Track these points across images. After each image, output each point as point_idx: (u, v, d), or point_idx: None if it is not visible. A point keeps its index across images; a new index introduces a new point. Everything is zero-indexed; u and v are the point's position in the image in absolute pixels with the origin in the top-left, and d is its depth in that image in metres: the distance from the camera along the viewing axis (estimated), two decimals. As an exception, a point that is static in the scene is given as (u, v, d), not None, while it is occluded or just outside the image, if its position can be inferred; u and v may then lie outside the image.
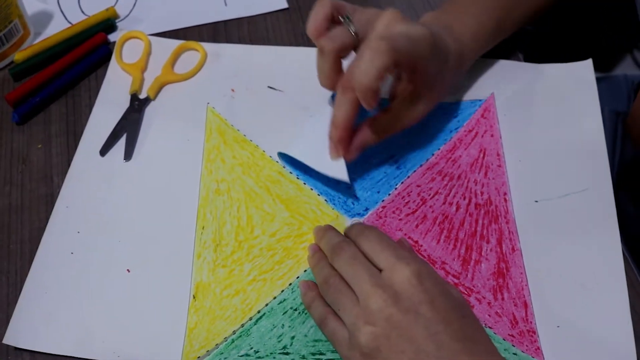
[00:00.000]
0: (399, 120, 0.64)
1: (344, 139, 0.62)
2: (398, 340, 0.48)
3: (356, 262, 0.53)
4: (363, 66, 0.55)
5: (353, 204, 0.64)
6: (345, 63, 0.61)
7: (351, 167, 0.63)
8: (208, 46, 0.77)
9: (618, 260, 0.60)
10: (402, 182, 0.66)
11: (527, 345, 0.56)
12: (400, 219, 0.63)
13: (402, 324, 0.48)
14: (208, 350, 0.56)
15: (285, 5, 0.82)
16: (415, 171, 0.66)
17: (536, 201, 0.64)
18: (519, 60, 0.76)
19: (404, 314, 0.48)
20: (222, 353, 0.56)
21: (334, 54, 0.59)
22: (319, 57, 0.61)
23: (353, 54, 0.61)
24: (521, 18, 0.72)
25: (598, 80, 0.74)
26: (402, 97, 0.63)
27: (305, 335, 0.56)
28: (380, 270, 0.52)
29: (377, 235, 0.55)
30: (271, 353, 0.56)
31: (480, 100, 0.71)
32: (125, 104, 0.72)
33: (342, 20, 0.61)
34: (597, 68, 0.74)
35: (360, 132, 0.63)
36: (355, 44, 0.61)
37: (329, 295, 0.54)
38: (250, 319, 0.57)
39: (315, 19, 0.60)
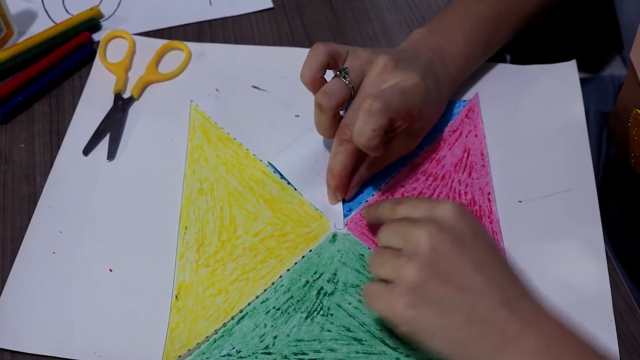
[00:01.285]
0: (394, 152, 0.65)
1: (342, 187, 0.63)
2: (445, 272, 0.48)
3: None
4: (359, 127, 0.56)
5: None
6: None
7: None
8: (192, 45, 0.77)
9: (601, 260, 0.60)
10: (386, 183, 0.66)
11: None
12: (383, 219, 0.63)
13: (448, 255, 0.48)
14: (189, 350, 0.55)
15: (270, 4, 0.82)
16: (399, 171, 0.66)
17: (520, 201, 0.64)
18: (505, 61, 0.77)
19: (449, 245, 0.48)
20: (204, 353, 0.55)
21: (332, 111, 0.60)
22: (316, 111, 0.61)
23: None
24: (509, 33, 0.72)
25: (585, 80, 0.74)
26: (398, 132, 0.63)
27: (288, 335, 0.56)
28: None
29: (413, 197, 0.57)
30: (253, 353, 0.55)
31: (464, 101, 0.72)
32: (109, 103, 0.72)
33: (337, 73, 0.61)
34: (585, 68, 0.75)
35: (357, 171, 0.64)
36: (352, 96, 0.61)
37: (382, 238, 0.53)
38: (233, 318, 0.57)
39: (310, 68, 0.60)
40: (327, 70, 0.62)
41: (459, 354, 0.47)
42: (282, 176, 0.65)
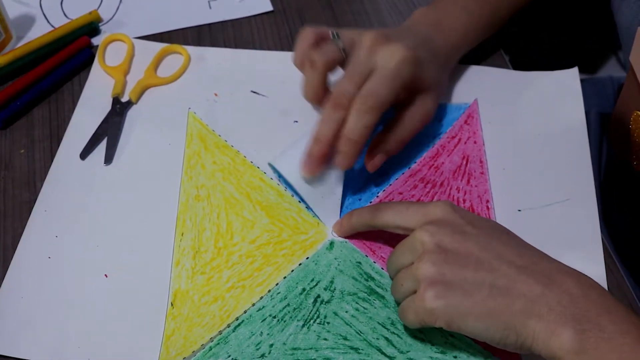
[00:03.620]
0: (411, 122, 0.65)
1: (325, 155, 0.62)
2: (456, 260, 0.51)
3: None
4: (351, 124, 0.59)
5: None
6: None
7: (334, 174, 0.63)
8: (192, 49, 0.76)
9: (600, 271, 0.60)
10: (384, 190, 0.65)
11: (508, 355, 0.55)
12: (381, 226, 0.63)
13: (453, 244, 0.51)
14: (185, 358, 0.55)
15: (270, 8, 0.82)
16: (397, 178, 0.66)
17: (519, 210, 0.64)
18: (504, 61, 0.76)
19: (451, 236, 0.52)
20: (198, 361, 0.55)
21: (324, 67, 0.62)
22: (308, 71, 0.62)
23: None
24: (512, 7, 0.73)
25: (584, 81, 0.74)
26: (405, 102, 0.64)
27: (284, 343, 0.56)
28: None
29: (395, 202, 0.59)
30: (249, 361, 0.55)
31: (464, 104, 0.71)
32: (107, 107, 0.71)
33: (331, 36, 0.63)
34: (584, 69, 0.74)
35: (380, 144, 0.63)
36: (342, 61, 0.63)
37: (392, 265, 0.56)
38: (229, 326, 0.57)
39: (301, 48, 0.64)
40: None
41: (493, 326, 0.49)
42: (280, 177, 0.65)
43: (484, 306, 0.49)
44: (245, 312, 0.58)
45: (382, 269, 0.60)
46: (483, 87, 0.73)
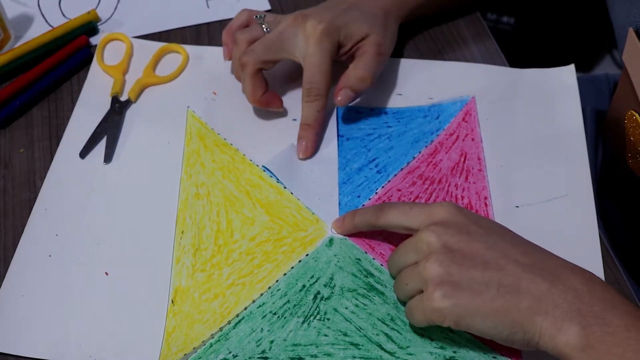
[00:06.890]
0: (364, 57, 0.68)
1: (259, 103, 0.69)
2: (463, 260, 0.51)
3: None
4: (304, 112, 0.67)
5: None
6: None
7: (328, 175, 0.64)
8: (190, 48, 0.77)
9: (598, 266, 0.60)
10: (382, 187, 0.66)
11: (507, 350, 0.55)
12: (380, 223, 0.63)
13: (459, 244, 0.52)
14: (186, 354, 0.55)
15: (267, 6, 0.82)
16: (395, 175, 0.66)
17: (517, 206, 0.64)
18: (501, 59, 0.76)
19: (457, 236, 0.52)
20: (200, 357, 0.55)
21: (245, 44, 0.68)
22: (235, 49, 0.69)
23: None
24: None
25: (580, 79, 0.74)
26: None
27: (285, 340, 0.56)
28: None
29: (398, 202, 0.59)
30: (250, 357, 0.55)
31: (461, 100, 0.71)
32: (106, 106, 0.71)
33: (256, 20, 0.70)
34: (580, 67, 0.75)
35: (344, 81, 0.68)
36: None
37: (394, 264, 0.57)
38: (229, 322, 0.57)
39: (230, 28, 0.72)
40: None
41: (501, 324, 0.50)
42: (278, 180, 0.66)
43: (492, 305, 0.50)
44: (245, 308, 0.58)
45: (382, 265, 0.60)
46: (480, 84, 0.73)
